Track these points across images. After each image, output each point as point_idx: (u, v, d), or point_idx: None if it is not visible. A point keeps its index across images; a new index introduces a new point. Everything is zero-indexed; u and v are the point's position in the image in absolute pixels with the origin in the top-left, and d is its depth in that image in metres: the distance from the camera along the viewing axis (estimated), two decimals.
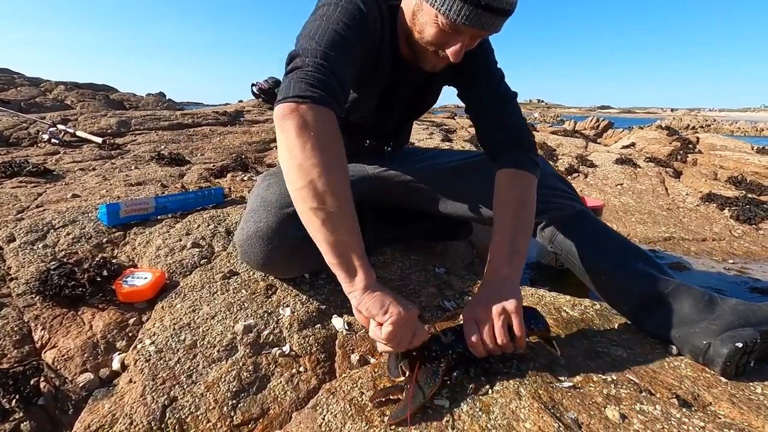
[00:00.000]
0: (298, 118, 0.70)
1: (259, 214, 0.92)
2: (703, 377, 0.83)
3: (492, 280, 0.85)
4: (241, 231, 0.92)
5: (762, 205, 2.40)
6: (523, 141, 1.01)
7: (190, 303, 0.90)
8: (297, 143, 0.70)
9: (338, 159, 0.74)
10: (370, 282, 0.72)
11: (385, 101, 1.07)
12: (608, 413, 0.71)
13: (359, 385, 0.73)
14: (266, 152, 2.89)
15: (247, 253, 0.91)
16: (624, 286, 0.98)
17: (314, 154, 0.70)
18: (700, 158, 3.65)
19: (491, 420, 0.67)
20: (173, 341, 0.79)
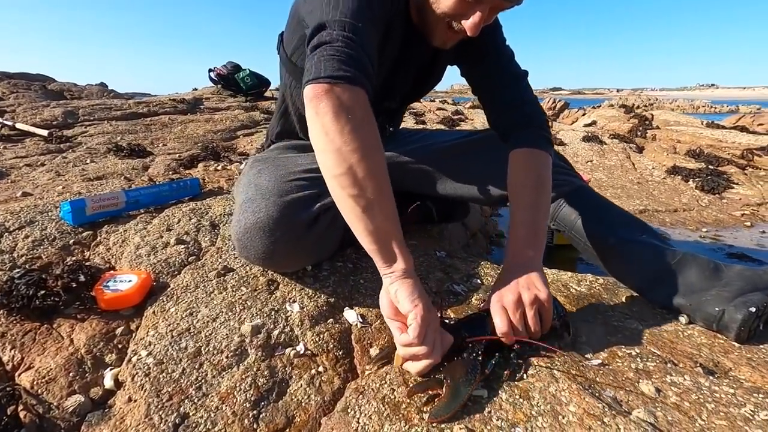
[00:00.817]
0: (335, 99, 0.65)
1: (257, 203, 0.83)
2: (717, 344, 0.84)
3: (517, 263, 0.82)
4: (237, 223, 0.83)
5: (722, 176, 2.53)
6: (536, 119, 0.98)
7: (186, 306, 0.80)
8: (335, 127, 0.64)
9: (376, 142, 0.68)
10: (409, 268, 0.69)
11: (390, 79, 1.00)
12: (643, 388, 0.70)
13: (388, 382, 0.68)
14: (233, 141, 2.72)
15: (247, 247, 0.83)
16: (631, 259, 0.98)
17: (353, 139, 0.64)
18: (658, 134, 3.82)
19: (534, 406, 0.64)
20: (174, 350, 0.70)
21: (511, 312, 0.75)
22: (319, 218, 0.90)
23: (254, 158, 1.05)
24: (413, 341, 0.64)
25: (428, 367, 0.66)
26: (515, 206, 0.90)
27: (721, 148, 3.21)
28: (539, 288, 0.77)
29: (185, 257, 0.97)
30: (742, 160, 2.94)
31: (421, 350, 0.65)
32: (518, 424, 0.61)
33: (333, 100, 0.65)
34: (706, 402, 0.67)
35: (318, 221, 0.90)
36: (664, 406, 0.66)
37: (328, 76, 0.65)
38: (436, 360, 0.66)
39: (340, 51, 0.67)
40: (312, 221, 0.88)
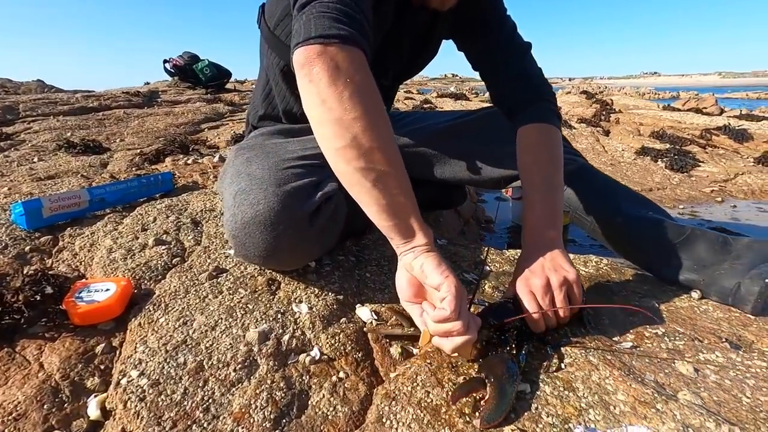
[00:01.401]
0: (329, 62, 0.57)
1: (253, 194, 0.73)
2: (733, 317, 0.83)
3: (538, 244, 0.77)
4: (233, 218, 0.73)
5: (688, 155, 2.63)
6: (545, 92, 0.93)
7: (178, 314, 0.70)
8: (332, 93, 0.56)
9: (381, 108, 0.60)
10: (430, 242, 0.64)
11: (382, 53, 0.92)
12: (681, 369, 0.67)
13: (420, 383, 0.61)
14: (198, 134, 2.54)
15: (245, 244, 0.73)
16: (640, 236, 0.96)
17: (354, 106, 0.57)
18: (621, 117, 3.94)
19: (581, 398, 0.59)
20: (171, 367, 0.60)
21: (540, 297, 0.70)
22: (321, 209, 0.82)
23: (238, 147, 0.94)
24: (449, 315, 0.57)
25: (466, 344, 0.59)
26: (529, 185, 0.85)
27: (681, 129, 3.35)
28: (567, 269, 0.73)
29: (168, 259, 0.85)
30: (702, 140, 3.08)
31: (456, 325, 0.58)
32: (570, 418, 0.56)
33: (327, 63, 0.57)
34: (745, 379, 0.65)
35: (320, 212, 0.81)
36: (707, 386, 0.63)
37: (320, 36, 0.58)
38: (473, 337, 0.60)
39: (331, 7, 0.60)
40: (314, 212, 0.80)
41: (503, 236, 1.64)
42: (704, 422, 0.55)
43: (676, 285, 0.94)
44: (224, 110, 3.21)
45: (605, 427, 0.54)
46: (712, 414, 0.57)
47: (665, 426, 0.54)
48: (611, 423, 0.55)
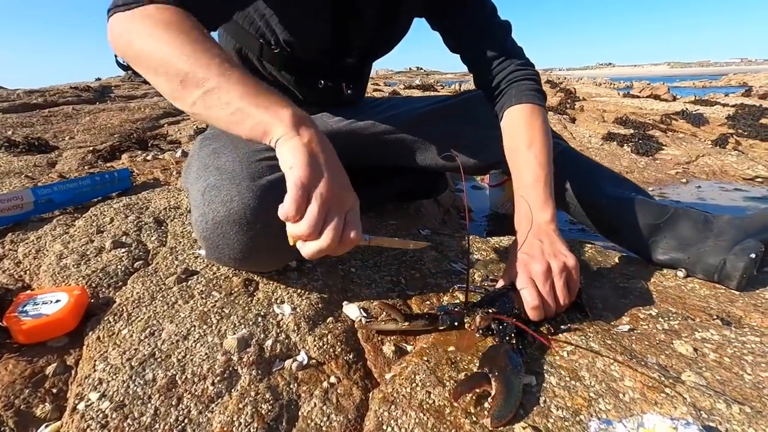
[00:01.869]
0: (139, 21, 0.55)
1: (225, 190, 0.66)
2: (720, 294, 0.84)
3: (535, 229, 0.74)
4: (203, 218, 0.66)
5: (651, 139, 2.71)
6: (529, 72, 0.90)
7: (143, 324, 0.62)
8: (147, 43, 0.54)
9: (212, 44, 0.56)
10: (303, 115, 0.54)
11: (344, 25, 0.86)
12: (680, 349, 0.66)
13: (420, 383, 0.57)
14: (156, 130, 2.39)
15: (219, 246, 0.66)
16: (626, 217, 0.95)
17: (175, 43, 0.53)
18: (585, 105, 4.03)
19: (589, 388, 0.56)
20: (138, 385, 0.52)
21: (540, 283, 0.67)
22: None
23: (202, 137, 0.86)
24: (287, 213, 0.49)
25: (318, 254, 0.51)
26: (519, 168, 0.82)
27: (642, 115, 3.46)
28: (566, 254, 0.70)
29: (129, 263, 0.77)
30: (662, 125, 3.19)
31: (299, 230, 0.49)
32: (581, 410, 0.53)
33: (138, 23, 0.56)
34: (743, 355, 0.64)
35: None
36: (708, 365, 0.62)
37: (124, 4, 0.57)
38: (326, 247, 0.50)
39: None
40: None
41: (483, 224, 1.62)
42: (714, 404, 0.53)
43: (662, 265, 0.94)
44: None
45: (618, 416, 0.51)
46: (719, 394, 0.55)
47: (677, 411, 0.52)
48: (623, 412, 0.52)
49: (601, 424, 0.48)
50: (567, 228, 1.46)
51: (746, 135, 2.75)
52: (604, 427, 0.48)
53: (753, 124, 2.93)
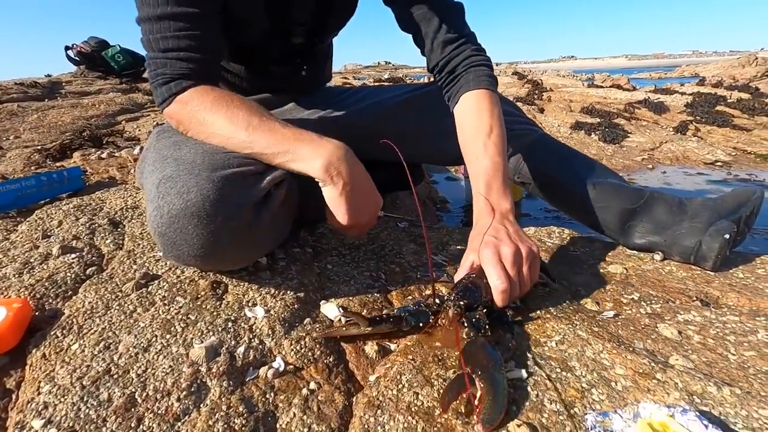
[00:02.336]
0: (185, 110, 0.70)
1: (182, 181, 0.60)
2: (696, 275, 0.84)
3: (501, 216, 0.73)
4: (157, 212, 0.59)
5: (617, 127, 2.78)
6: (483, 57, 0.88)
7: (97, 337, 0.56)
8: (199, 130, 0.70)
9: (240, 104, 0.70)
10: (340, 143, 0.70)
11: (276, 4, 0.82)
12: (665, 333, 0.65)
13: (407, 384, 0.53)
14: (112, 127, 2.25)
15: (176, 243, 0.60)
16: (603, 202, 0.95)
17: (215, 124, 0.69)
18: (552, 95, 4.10)
19: (581, 378, 0.54)
20: (90, 408, 0.46)
21: (509, 265, 0.64)
22: (270, 196, 0.70)
23: (160, 129, 0.79)
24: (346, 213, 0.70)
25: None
26: (479, 154, 0.80)
27: (607, 104, 3.55)
28: (530, 241, 0.69)
29: (80, 270, 0.69)
30: (627, 113, 3.28)
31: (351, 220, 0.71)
32: (574, 402, 0.51)
33: (184, 112, 0.71)
34: (725, 336, 0.64)
35: (269, 200, 0.70)
36: (693, 348, 0.61)
37: (164, 101, 0.71)
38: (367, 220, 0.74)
39: (159, 74, 0.70)
40: (261, 201, 0.68)
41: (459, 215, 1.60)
42: (705, 387, 0.52)
43: (639, 249, 0.94)
44: (144, 100, 2.88)
45: (613, 406, 0.49)
46: (708, 377, 0.54)
47: (671, 397, 0.51)
48: (618, 402, 0.50)
49: (597, 416, 0.46)
50: (542, 216, 1.46)
51: (704, 121, 2.86)
52: (600, 420, 0.46)
53: (710, 111, 3.05)
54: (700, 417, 0.44)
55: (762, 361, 0.58)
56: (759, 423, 0.47)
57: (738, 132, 2.68)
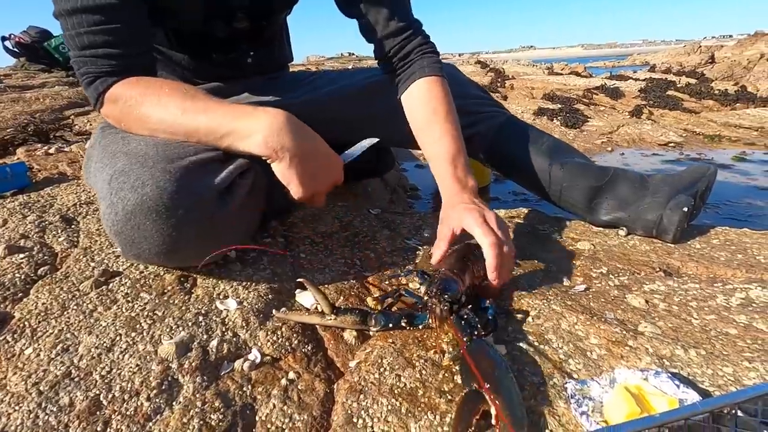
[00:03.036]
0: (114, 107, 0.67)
1: (136, 174, 0.56)
2: (658, 248, 0.88)
3: (470, 191, 0.74)
4: (111, 209, 0.56)
5: (578, 113, 2.87)
6: (429, 44, 0.89)
7: (53, 340, 0.51)
8: (139, 126, 0.67)
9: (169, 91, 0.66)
10: (277, 110, 0.66)
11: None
12: (633, 302, 0.67)
13: (388, 367, 0.53)
14: (60, 121, 2.10)
15: (135, 241, 0.56)
16: (571, 181, 0.97)
17: (150, 118, 0.65)
18: (515, 83, 4.19)
19: (558, 350, 0.56)
20: (50, 414, 0.43)
21: (494, 227, 0.64)
22: (234, 185, 0.67)
23: (105, 124, 0.74)
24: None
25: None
26: (439, 137, 0.80)
27: (567, 90, 3.65)
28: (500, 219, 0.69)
29: (31, 270, 0.64)
30: (585, 99, 3.39)
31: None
32: (553, 374, 0.52)
33: (117, 110, 0.67)
34: (687, 302, 0.67)
35: (233, 190, 0.67)
36: (660, 315, 0.64)
37: (96, 102, 0.69)
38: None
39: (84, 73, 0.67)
40: (225, 191, 0.65)
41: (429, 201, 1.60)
42: (673, 350, 0.55)
43: (605, 225, 0.97)
44: None
45: (590, 374, 0.51)
46: (675, 341, 0.57)
47: (643, 362, 0.53)
48: (594, 370, 0.52)
49: (576, 385, 0.47)
50: (511, 199, 1.48)
51: (657, 105, 3.00)
52: (579, 388, 0.47)
53: (661, 96, 3.20)
54: (672, 378, 0.46)
55: (722, 324, 0.61)
56: (724, 380, 0.49)
57: (688, 114, 2.83)
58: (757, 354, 0.54)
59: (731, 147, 2.11)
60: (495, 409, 0.42)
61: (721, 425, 0.38)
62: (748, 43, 7.39)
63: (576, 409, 0.44)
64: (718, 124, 2.58)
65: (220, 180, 0.63)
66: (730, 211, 1.28)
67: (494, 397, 0.43)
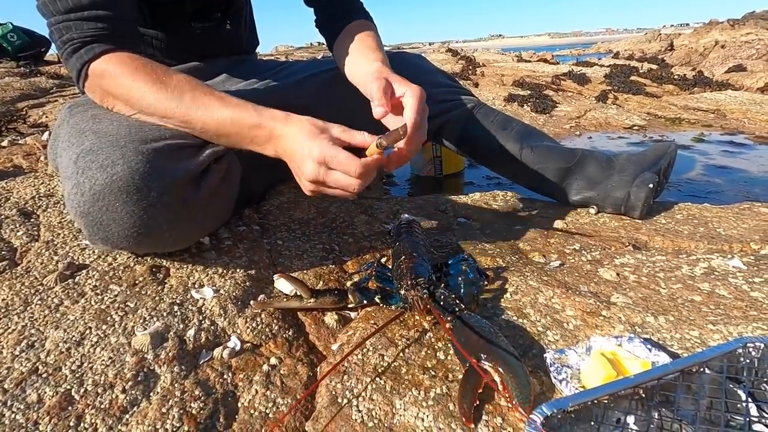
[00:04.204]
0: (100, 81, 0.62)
1: (105, 153, 0.54)
2: (627, 224, 0.92)
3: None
4: (77, 189, 0.53)
5: (547, 98, 2.92)
6: (367, 12, 0.90)
7: (17, 336, 0.49)
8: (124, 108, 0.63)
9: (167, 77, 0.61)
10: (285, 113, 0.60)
11: None
12: (605, 276, 0.70)
13: (371, 348, 0.53)
14: (12, 114, 1.98)
15: (103, 223, 0.54)
16: (542, 164, 0.99)
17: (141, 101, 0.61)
18: (486, 71, 4.22)
19: (536, 323, 0.57)
20: (16, 412, 0.40)
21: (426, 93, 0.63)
22: (210, 170, 0.65)
23: (72, 104, 0.70)
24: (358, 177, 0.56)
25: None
26: (365, 60, 0.77)
27: (536, 77, 3.71)
28: None
29: None
30: (554, 85, 3.45)
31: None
32: (532, 346, 0.53)
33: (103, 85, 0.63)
34: (655, 273, 0.70)
35: (208, 174, 0.65)
36: (630, 286, 0.66)
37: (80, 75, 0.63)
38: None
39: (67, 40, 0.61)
40: (200, 175, 0.63)
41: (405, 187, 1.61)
42: (644, 318, 0.57)
43: (576, 204, 1.00)
44: (48, 85, 2.56)
45: (567, 344, 0.52)
46: (645, 310, 0.59)
47: (616, 330, 0.55)
48: (571, 339, 0.53)
49: (554, 354, 0.48)
50: (485, 183, 1.50)
51: (621, 90, 3.10)
52: (557, 357, 0.48)
53: (625, 81, 3.31)
54: (644, 343, 0.48)
55: (687, 291, 0.64)
56: (691, 342, 0.52)
57: (650, 99, 2.94)
58: (720, 317, 0.56)
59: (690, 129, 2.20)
60: (500, 378, 0.43)
61: (691, 382, 0.40)
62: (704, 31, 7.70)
63: (555, 377, 0.46)
64: (678, 107, 2.68)
65: (194, 164, 0.61)
66: (691, 188, 1.34)
67: (495, 366, 0.44)
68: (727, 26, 7.13)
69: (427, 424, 0.42)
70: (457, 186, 1.58)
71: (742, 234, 0.84)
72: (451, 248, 0.80)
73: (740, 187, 1.33)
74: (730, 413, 0.38)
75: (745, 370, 0.41)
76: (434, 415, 0.43)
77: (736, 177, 1.43)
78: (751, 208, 0.97)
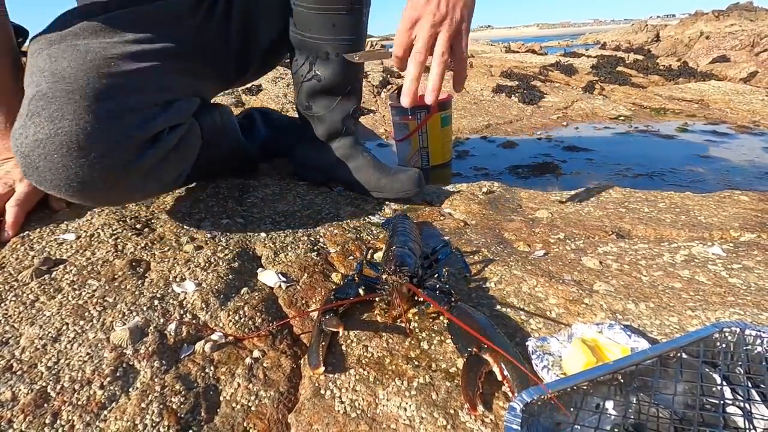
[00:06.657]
0: None
1: (56, 104, 0.54)
2: (611, 213, 0.92)
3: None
4: (23, 131, 0.54)
5: (534, 89, 2.93)
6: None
7: None
8: None
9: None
10: None
11: None
12: (588, 264, 0.70)
13: (355, 339, 0.53)
14: None
15: (38, 168, 0.54)
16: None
17: None
18: (474, 61, 4.21)
19: (519, 311, 0.57)
20: None
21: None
22: (161, 137, 0.64)
23: (41, 39, 0.63)
24: None
25: None
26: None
27: (524, 68, 3.72)
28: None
29: None
30: (542, 76, 3.46)
31: None
32: (516, 333, 0.53)
33: None
34: (637, 261, 0.71)
35: (158, 141, 0.63)
36: (613, 274, 0.67)
37: None
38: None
39: None
40: (149, 141, 0.62)
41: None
42: (625, 305, 0.58)
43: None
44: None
45: (549, 332, 0.53)
46: (627, 297, 0.60)
47: (598, 317, 0.55)
48: (553, 327, 0.54)
49: (536, 342, 0.49)
50: (472, 174, 1.50)
51: (607, 81, 3.12)
52: (539, 344, 0.48)
53: (612, 72, 3.33)
54: (624, 329, 0.48)
55: (668, 279, 0.65)
56: (670, 328, 0.53)
57: (636, 89, 2.96)
58: (698, 304, 0.57)
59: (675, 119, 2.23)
60: (498, 368, 0.43)
61: (668, 367, 0.40)
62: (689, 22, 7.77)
63: (537, 364, 0.46)
64: (663, 97, 2.71)
65: (145, 129, 0.60)
66: (674, 177, 1.35)
67: (495, 357, 0.43)
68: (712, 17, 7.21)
69: (410, 413, 0.43)
70: (444, 177, 1.57)
71: (722, 222, 0.86)
72: (437, 239, 0.80)
73: (722, 176, 1.35)
74: (706, 396, 0.39)
75: (721, 354, 0.42)
76: (417, 404, 0.43)
77: (718, 166, 1.45)
78: (732, 196, 0.99)
